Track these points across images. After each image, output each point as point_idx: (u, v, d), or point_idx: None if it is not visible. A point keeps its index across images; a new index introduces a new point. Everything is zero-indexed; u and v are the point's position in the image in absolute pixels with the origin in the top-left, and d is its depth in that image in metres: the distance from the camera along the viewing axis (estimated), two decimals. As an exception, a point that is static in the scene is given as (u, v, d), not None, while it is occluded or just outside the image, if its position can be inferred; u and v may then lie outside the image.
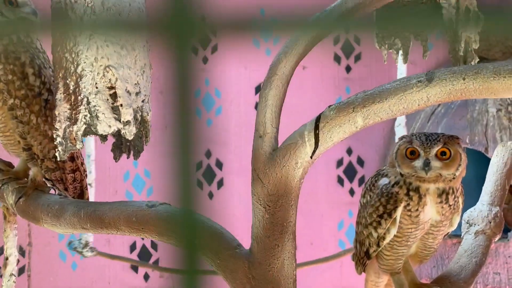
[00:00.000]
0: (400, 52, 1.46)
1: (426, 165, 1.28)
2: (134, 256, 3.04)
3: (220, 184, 3.16)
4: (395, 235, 1.32)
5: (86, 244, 2.55)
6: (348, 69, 3.29)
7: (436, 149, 1.29)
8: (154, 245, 3.07)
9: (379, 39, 1.49)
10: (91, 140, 2.37)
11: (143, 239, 3.03)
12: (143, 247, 3.06)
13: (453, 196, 1.31)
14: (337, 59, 3.27)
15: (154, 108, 3.00)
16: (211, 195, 3.15)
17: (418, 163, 1.29)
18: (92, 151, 2.44)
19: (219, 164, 3.17)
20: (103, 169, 2.94)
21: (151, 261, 3.06)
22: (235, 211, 3.17)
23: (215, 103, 3.19)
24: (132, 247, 3.05)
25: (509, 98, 2.71)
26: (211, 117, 3.19)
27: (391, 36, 1.46)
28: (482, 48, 2.96)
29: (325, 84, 3.26)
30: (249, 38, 3.26)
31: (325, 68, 3.26)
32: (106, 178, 2.98)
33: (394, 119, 3.25)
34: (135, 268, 3.05)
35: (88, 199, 1.58)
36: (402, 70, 2.46)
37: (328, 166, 3.25)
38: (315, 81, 3.25)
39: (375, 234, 1.32)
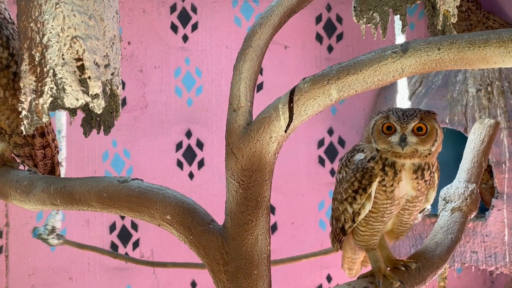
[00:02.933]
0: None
1: (403, 140, 1.27)
2: (113, 236, 3.01)
3: (201, 164, 3.13)
4: (370, 211, 1.31)
5: (52, 230, 2.24)
6: (330, 48, 3.26)
7: (412, 124, 1.28)
8: (134, 225, 3.04)
9: (357, 13, 1.46)
10: (62, 115, 2.25)
11: (123, 219, 2.99)
12: (123, 227, 3.02)
13: (429, 171, 1.30)
14: (319, 38, 3.24)
15: (133, 86, 2.95)
16: (191, 175, 3.12)
17: (395, 138, 1.28)
18: (62, 126, 2.23)
19: (200, 144, 3.14)
20: (80, 148, 2.88)
21: (131, 242, 3.03)
22: (216, 191, 3.14)
23: (196, 83, 3.14)
24: (112, 228, 3.01)
25: (488, 78, 2.71)
26: (192, 96, 3.14)
27: (369, 10, 1.43)
28: (463, 28, 2.96)
29: (307, 63, 3.23)
30: (231, 16, 3.20)
31: (307, 47, 3.23)
32: (84, 158, 2.93)
33: (375, 100, 3.25)
34: (115, 248, 3.01)
35: (59, 175, 1.54)
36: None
37: (309, 147, 3.24)
38: (297, 60, 3.22)
39: (350, 210, 1.31)
